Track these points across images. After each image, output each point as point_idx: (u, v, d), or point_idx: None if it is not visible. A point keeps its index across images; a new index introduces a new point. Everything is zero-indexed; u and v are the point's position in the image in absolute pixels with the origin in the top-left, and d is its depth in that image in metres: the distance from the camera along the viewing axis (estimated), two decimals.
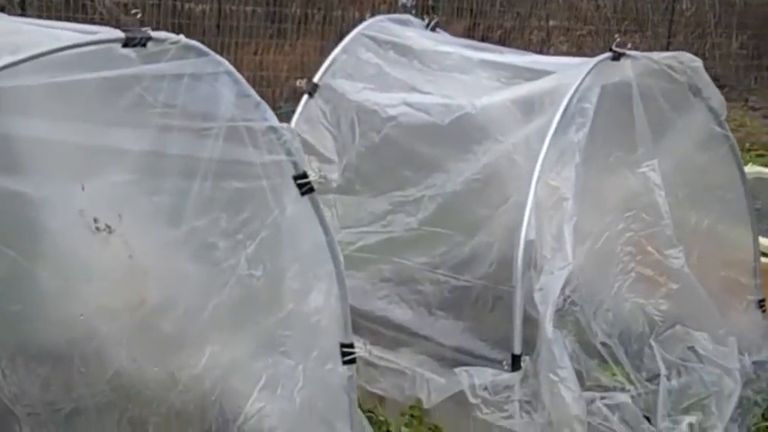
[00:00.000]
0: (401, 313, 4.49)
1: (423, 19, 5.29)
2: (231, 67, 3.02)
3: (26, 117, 2.69)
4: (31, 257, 2.72)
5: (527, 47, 13.72)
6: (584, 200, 4.17)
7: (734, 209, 4.99)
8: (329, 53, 4.80)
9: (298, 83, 4.66)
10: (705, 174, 4.85)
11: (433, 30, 5.24)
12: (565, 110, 4.13)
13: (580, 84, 4.18)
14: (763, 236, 5.29)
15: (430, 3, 10.94)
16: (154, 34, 2.83)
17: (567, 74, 4.33)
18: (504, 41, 13.14)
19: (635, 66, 4.40)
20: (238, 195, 3.12)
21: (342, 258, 3.34)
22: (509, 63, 4.74)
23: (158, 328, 2.95)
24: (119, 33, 2.78)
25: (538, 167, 4.06)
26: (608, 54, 4.33)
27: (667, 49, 15.99)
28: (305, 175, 3.22)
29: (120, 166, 2.88)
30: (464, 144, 4.42)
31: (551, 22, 15.67)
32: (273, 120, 3.13)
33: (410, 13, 10.39)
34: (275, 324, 3.21)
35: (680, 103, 4.64)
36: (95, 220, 2.80)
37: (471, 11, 13.74)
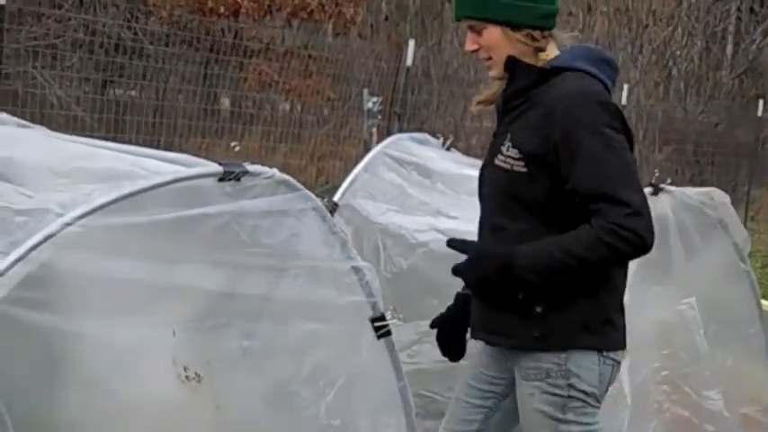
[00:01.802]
0: None
1: (437, 138, 5.13)
2: (320, 203, 2.80)
3: (115, 257, 2.43)
4: (117, 416, 2.43)
5: (467, 152, 13.72)
6: None
7: (753, 345, 4.89)
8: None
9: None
10: (729, 309, 4.75)
11: (448, 149, 5.09)
12: None
13: None
14: None
15: (396, 110, 10.85)
16: (250, 168, 2.61)
17: None
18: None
19: (672, 200, 4.30)
20: (318, 339, 2.88)
21: (413, 407, 3.11)
22: None
23: None
24: (216, 167, 2.55)
25: None
26: (648, 189, 4.22)
27: None
28: (382, 317, 3.00)
29: (205, 308, 2.62)
30: None
31: (486, 124, 15.75)
32: (357, 259, 2.91)
33: (376, 117, 10.28)
34: None
35: (709, 238, 4.56)
36: (185, 369, 2.53)
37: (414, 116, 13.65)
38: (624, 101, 14.18)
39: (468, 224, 4.48)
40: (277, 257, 2.72)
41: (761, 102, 17.19)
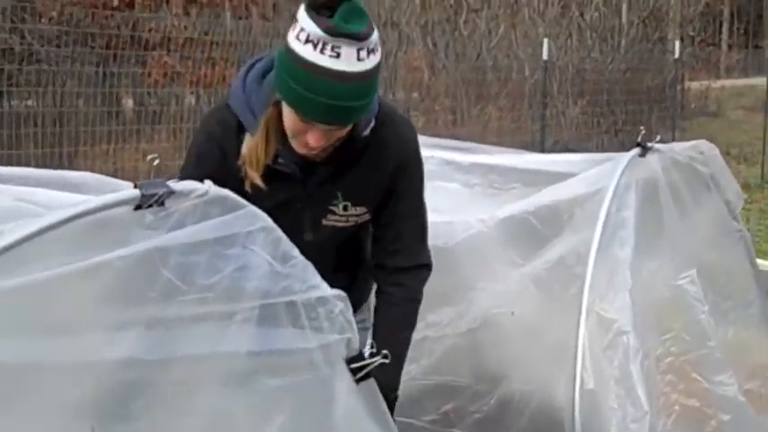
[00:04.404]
0: None
1: None
2: (270, 222, 2.14)
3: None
4: None
5: None
6: None
7: (751, 312, 4.36)
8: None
9: None
10: (726, 276, 4.21)
11: None
12: (605, 222, 3.39)
13: (616, 188, 3.46)
14: None
15: None
16: (176, 187, 1.93)
17: (593, 176, 3.60)
18: None
19: (661, 159, 3.73)
20: (281, 398, 2.23)
21: None
22: (499, 165, 3.99)
23: None
24: (130, 192, 1.87)
25: (585, 296, 3.29)
26: (636, 150, 3.64)
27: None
28: (360, 356, 2.35)
29: (133, 385, 1.95)
30: (476, 270, 3.62)
31: (398, 95, 15.25)
32: (323, 287, 2.26)
33: None
34: None
35: (699, 197, 4.00)
36: None
37: None
38: (545, 56, 13.73)
39: (431, 213, 3.86)
40: (220, 301, 2.06)
41: (677, 43, 17.05)
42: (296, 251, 2.20)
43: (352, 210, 2.72)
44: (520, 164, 3.96)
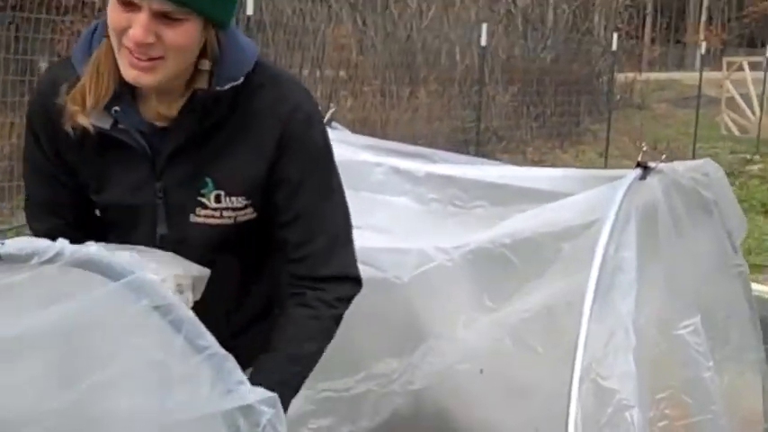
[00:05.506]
0: None
1: None
2: (170, 297, 1.37)
3: None
4: None
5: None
6: None
7: (749, 359, 3.73)
8: None
9: None
10: (724, 319, 3.56)
11: (328, 124, 3.69)
12: (602, 266, 2.68)
13: (614, 221, 2.75)
14: None
15: None
16: (6, 248, 1.15)
17: (584, 201, 2.89)
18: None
19: (663, 182, 3.04)
20: None
21: None
22: (462, 177, 3.26)
23: None
24: None
25: (579, 359, 2.57)
26: (636, 172, 2.94)
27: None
28: None
29: None
30: (435, 314, 2.89)
31: (326, 72, 14.59)
32: (244, 390, 1.50)
33: None
34: None
35: (700, 226, 3.34)
36: None
37: None
38: (484, 41, 13.15)
39: (379, 236, 3.13)
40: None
41: (615, 35, 16.81)
42: (207, 336, 1.43)
43: (226, 201, 2.09)
44: (487, 176, 3.23)
